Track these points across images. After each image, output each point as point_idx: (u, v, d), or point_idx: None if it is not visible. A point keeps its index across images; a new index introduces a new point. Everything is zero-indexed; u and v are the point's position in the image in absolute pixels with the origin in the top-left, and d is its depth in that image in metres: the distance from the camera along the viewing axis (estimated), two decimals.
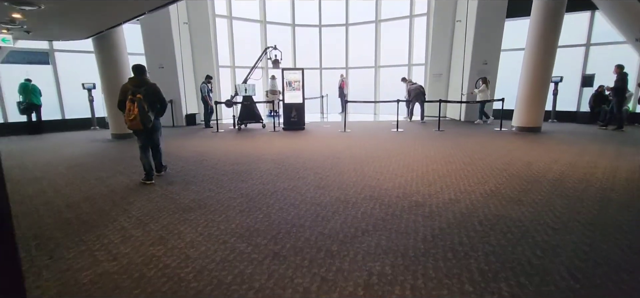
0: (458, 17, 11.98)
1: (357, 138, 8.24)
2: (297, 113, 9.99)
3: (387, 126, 10.54)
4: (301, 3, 14.96)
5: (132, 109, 4.35)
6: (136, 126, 4.41)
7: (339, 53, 15.43)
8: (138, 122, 4.37)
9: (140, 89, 4.44)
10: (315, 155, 6.29)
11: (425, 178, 4.68)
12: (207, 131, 9.96)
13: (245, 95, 10.11)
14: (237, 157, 6.27)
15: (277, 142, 7.89)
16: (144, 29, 10.68)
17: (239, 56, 13.75)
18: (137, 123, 4.38)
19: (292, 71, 9.93)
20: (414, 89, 11.58)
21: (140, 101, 4.37)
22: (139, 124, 4.39)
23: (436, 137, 8.25)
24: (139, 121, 4.37)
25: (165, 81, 10.78)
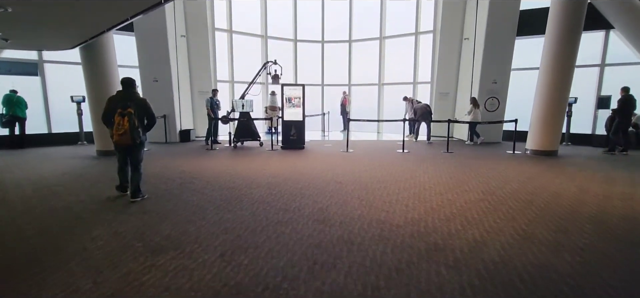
0: (466, 35, 11.55)
1: (361, 160, 7.63)
2: (296, 131, 9.42)
3: (391, 147, 9.95)
4: (304, 18, 14.63)
5: (122, 123, 4.11)
6: (125, 141, 4.17)
7: (341, 70, 14.99)
8: (128, 137, 4.15)
9: (129, 103, 4.23)
10: (314, 179, 5.67)
11: (441, 211, 4.04)
12: (200, 148, 9.37)
13: (242, 111, 9.57)
14: (228, 180, 5.65)
15: (274, 163, 7.28)
16: (139, 41, 10.24)
17: (238, 71, 13.30)
18: (127, 137, 4.15)
19: (292, 86, 9.41)
20: (420, 108, 11.05)
21: (131, 115, 4.16)
22: (129, 139, 4.16)
23: (445, 160, 7.64)
24: (129, 136, 4.15)
25: (159, 95, 10.29)
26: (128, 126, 4.12)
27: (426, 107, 11.07)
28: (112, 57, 7.93)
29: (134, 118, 4.18)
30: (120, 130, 4.12)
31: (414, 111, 11.34)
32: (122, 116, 4.14)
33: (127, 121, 4.13)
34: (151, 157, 7.99)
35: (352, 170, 6.44)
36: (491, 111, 10.78)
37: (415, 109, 11.29)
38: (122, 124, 4.12)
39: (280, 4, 14.25)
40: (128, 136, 4.15)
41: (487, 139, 10.90)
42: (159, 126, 10.46)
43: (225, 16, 12.89)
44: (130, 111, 4.16)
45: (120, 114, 4.14)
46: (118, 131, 4.13)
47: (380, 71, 14.19)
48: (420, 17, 13.13)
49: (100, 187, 5.23)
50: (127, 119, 4.13)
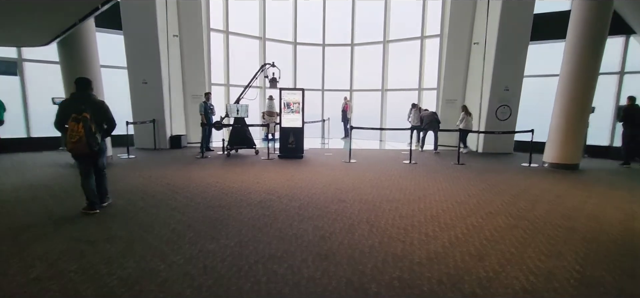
0: (475, 39, 10.93)
1: (365, 172, 6.93)
2: (295, 139, 8.72)
3: (397, 157, 9.25)
4: (304, 21, 14.02)
5: (76, 129, 3.71)
6: (81, 149, 3.79)
7: (343, 74, 14.35)
8: (84, 144, 3.76)
9: (85, 106, 3.84)
10: (315, 196, 4.96)
11: (469, 242, 3.34)
12: (191, 156, 8.66)
13: (237, 117, 8.87)
14: (216, 195, 4.93)
15: (270, 174, 6.57)
16: (127, 40, 9.56)
17: (234, 74, 12.63)
18: (82, 145, 3.76)
19: (291, 91, 8.74)
20: (427, 116, 10.38)
21: (86, 121, 3.75)
22: (85, 147, 3.77)
23: (458, 173, 6.95)
24: (84, 144, 3.75)
25: (148, 97, 9.61)
26: (83, 133, 3.72)
27: (433, 115, 10.41)
28: (94, 56, 7.23)
29: (90, 123, 3.78)
30: (74, 137, 3.72)
31: (421, 118, 10.67)
32: (76, 122, 3.72)
33: (82, 127, 3.71)
34: (135, 166, 7.27)
35: (356, 185, 5.74)
36: (502, 120, 10.13)
37: (421, 117, 10.63)
38: (76, 130, 3.71)
39: (279, 5, 13.64)
40: (84, 144, 3.75)
41: (498, 150, 10.24)
42: (148, 132, 9.76)
43: (222, 16, 12.24)
44: (85, 116, 3.75)
45: (74, 119, 3.73)
46: (72, 138, 3.72)
47: (383, 76, 13.54)
48: (427, 20, 12.53)
49: (70, 202, 4.50)
50: (82, 125, 3.72)
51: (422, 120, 10.55)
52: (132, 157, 8.38)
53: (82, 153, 3.85)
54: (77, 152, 3.84)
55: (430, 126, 10.22)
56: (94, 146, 3.85)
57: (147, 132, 9.82)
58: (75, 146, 3.76)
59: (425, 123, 10.33)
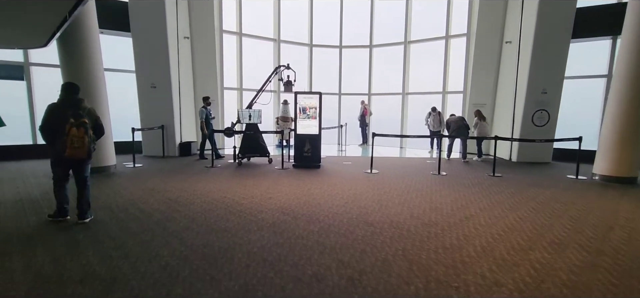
0: (507, 38, 10.02)
1: (390, 185, 6.17)
2: (311, 147, 8.03)
3: (422, 167, 8.43)
4: (320, 22, 13.38)
5: (78, 135, 3.67)
6: (80, 154, 3.75)
7: (361, 77, 13.62)
8: (84, 150, 3.74)
9: (80, 112, 3.81)
10: (337, 216, 4.24)
11: (543, 288, 2.54)
12: (199, 165, 8.08)
13: (249, 123, 8.26)
14: (222, 215, 4.28)
15: (284, 187, 5.89)
16: (136, 42, 9.12)
17: (247, 78, 12.09)
18: (83, 151, 3.74)
19: (307, 95, 8.07)
20: (454, 122, 9.52)
21: (87, 127, 3.75)
22: (84, 152, 3.76)
23: (497, 187, 6.09)
24: (85, 149, 3.75)
25: (157, 102, 9.13)
26: (86, 139, 3.72)
27: (461, 120, 9.54)
28: (96, 58, 6.74)
29: (89, 129, 3.80)
30: (76, 143, 3.66)
31: (447, 124, 9.82)
32: (77, 127, 3.66)
33: (84, 133, 3.70)
34: (139, 176, 6.73)
35: (383, 202, 4.98)
36: (540, 126, 9.17)
37: (448, 122, 9.78)
38: (78, 136, 3.66)
39: (294, 6, 13.06)
40: (84, 149, 3.74)
41: (534, 159, 9.27)
42: (157, 139, 9.27)
43: (235, 17, 11.74)
44: (85, 122, 3.73)
45: (75, 125, 3.66)
46: (74, 143, 3.66)
47: (404, 79, 12.73)
48: (452, 18, 11.68)
49: (48, 223, 3.93)
50: (84, 130, 3.70)
51: (449, 126, 9.70)
52: (139, 166, 7.86)
53: (79, 158, 3.79)
54: (77, 156, 3.75)
55: (459, 133, 9.35)
56: (92, 151, 3.88)
57: (155, 139, 9.34)
58: (76, 152, 3.69)
59: (453, 129, 9.46)
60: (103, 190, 5.49)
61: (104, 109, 6.85)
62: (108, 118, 7.04)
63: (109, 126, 7.00)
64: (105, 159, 6.92)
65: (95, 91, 6.66)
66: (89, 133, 3.76)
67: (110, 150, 7.04)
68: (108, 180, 6.26)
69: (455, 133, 9.39)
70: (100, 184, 5.89)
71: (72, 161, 3.84)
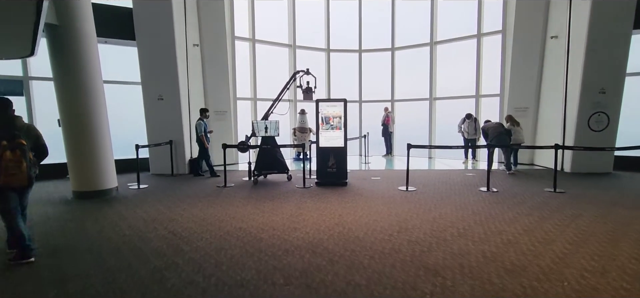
0: (553, 32, 8.89)
1: (438, 207, 5.11)
2: (336, 161, 7.06)
3: (463, 180, 7.33)
4: (338, 25, 12.52)
5: (14, 159, 3.06)
6: (20, 181, 3.14)
7: (383, 83, 12.63)
8: (24, 176, 3.14)
9: (17, 131, 3.19)
10: (385, 259, 3.22)
11: None
12: (210, 185, 7.20)
13: (266, 136, 7.36)
14: (236, 258, 3.32)
15: (310, 212, 4.91)
16: (141, 52, 8.40)
17: (262, 87, 11.27)
18: (21, 177, 3.12)
19: (330, 102, 7.12)
20: (493, 128, 8.38)
21: (24, 148, 3.14)
22: (25, 178, 3.16)
23: (573, 208, 4.96)
24: (25, 175, 3.14)
25: (165, 116, 8.35)
26: (24, 163, 3.10)
27: (501, 126, 8.38)
28: (94, 70, 5.98)
29: (27, 151, 3.17)
30: (12, 169, 3.05)
31: (485, 131, 8.69)
32: (13, 150, 3.06)
33: (21, 156, 3.09)
34: (142, 200, 5.87)
35: (437, 232, 3.94)
36: (597, 131, 7.95)
37: (485, 129, 8.65)
38: (14, 160, 3.06)
39: (310, 9, 12.25)
40: (24, 175, 3.13)
41: (592, 169, 8.03)
42: (165, 155, 8.46)
43: (247, 23, 10.98)
44: (22, 142, 3.13)
45: (9, 147, 3.05)
46: (10, 170, 3.05)
47: (431, 83, 11.67)
48: (483, 15, 10.61)
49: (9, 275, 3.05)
50: (20, 153, 3.08)
51: (486, 133, 8.55)
52: (144, 187, 7.04)
53: (19, 185, 3.17)
54: (14, 185, 3.13)
55: (500, 141, 8.20)
56: (33, 176, 3.28)
57: (164, 155, 8.53)
58: (12, 179, 3.07)
59: (492, 136, 8.31)
60: (98, 221, 4.63)
61: (103, 125, 6.07)
62: (108, 134, 6.24)
63: (108, 144, 6.20)
64: (104, 181, 6.10)
65: (93, 105, 5.88)
66: (27, 156, 3.15)
67: (109, 171, 6.22)
68: (106, 207, 5.42)
69: (495, 141, 8.24)
70: (97, 213, 5.05)
71: (16, 188, 3.21)
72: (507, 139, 8.14)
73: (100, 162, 5.98)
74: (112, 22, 8.43)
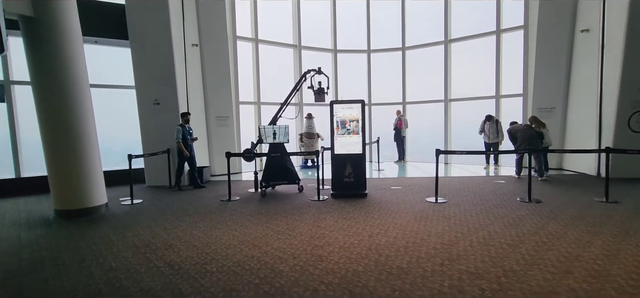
0: (583, 26, 8.19)
1: (480, 224, 4.35)
2: (354, 171, 6.29)
3: (496, 188, 6.56)
4: (345, 24, 11.83)
5: None
6: None
7: (394, 84, 11.91)
8: None
9: None
10: None
11: None
12: (213, 198, 6.41)
13: (274, 142, 6.60)
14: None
15: (334, 233, 4.14)
16: (135, 53, 7.66)
17: (266, 90, 10.53)
18: None
19: (346, 104, 6.37)
20: (522, 131, 7.65)
21: None
22: None
23: (631, 223, 4.20)
24: None
25: (161, 122, 7.58)
26: None
27: (530, 129, 7.65)
28: (78, 72, 5.21)
29: None
30: None
31: (512, 134, 7.96)
32: None
33: None
34: (134, 219, 5.08)
35: (501, 261, 3.16)
36: (639, 132, 7.23)
37: (513, 132, 7.92)
38: None
39: (316, 8, 11.57)
40: None
41: (634, 174, 7.28)
42: (162, 165, 7.68)
43: (250, 22, 10.27)
44: None
45: None
46: None
47: (446, 83, 10.95)
48: (502, 9, 9.92)
49: None
50: None
51: (514, 136, 7.82)
52: (137, 202, 6.24)
53: None
54: None
55: (532, 144, 7.45)
56: None
57: (161, 165, 7.75)
58: None
59: (522, 139, 7.57)
60: (79, 251, 3.84)
61: (89, 134, 5.30)
62: (95, 144, 5.46)
63: (96, 155, 5.42)
64: (91, 198, 5.31)
65: (77, 111, 5.12)
66: None
67: (97, 186, 5.42)
68: (91, 230, 4.62)
69: (526, 145, 7.50)
70: (79, 239, 4.25)
71: None
72: (539, 142, 7.41)
73: (87, 176, 5.20)
74: (103, 19, 7.70)
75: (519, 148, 7.54)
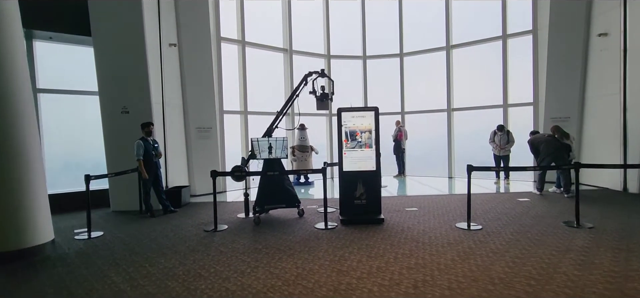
0: (600, 29, 7.63)
1: (548, 264, 3.41)
2: (366, 191, 5.26)
3: (527, 210, 5.70)
4: (338, 28, 10.95)
5: None
6: None
7: (391, 93, 11.08)
8: None
9: None
10: None
11: None
12: (193, 227, 5.20)
13: (269, 158, 5.48)
14: None
15: (359, 281, 3.07)
16: (99, 50, 6.40)
17: (253, 98, 9.42)
18: None
19: (357, 112, 5.38)
20: (546, 142, 6.91)
21: None
22: None
23: None
24: None
25: (131, 133, 6.27)
26: None
27: (555, 140, 6.88)
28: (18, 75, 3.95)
29: None
30: None
31: (533, 145, 7.22)
32: None
33: None
34: (89, 263, 3.82)
35: None
36: None
37: (535, 143, 7.17)
38: None
39: (308, 11, 10.65)
40: None
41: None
42: (131, 186, 6.37)
43: (236, 22, 9.20)
44: None
45: None
46: None
47: (449, 91, 10.22)
48: (508, 13, 9.33)
49: None
50: None
51: (536, 148, 7.08)
52: (97, 235, 4.94)
53: None
54: None
55: (556, 155, 6.70)
56: None
57: (130, 185, 6.43)
58: None
59: (546, 151, 6.80)
60: None
61: (30, 150, 4.02)
62: (38, 163, 4.18)
63: (38, 178, 4.13)
64: (30, 235, 3.98)
65: (12, 122, 3.84)
66: None
67: (40, 219, 4.10)
68: (24, 285, 3.34)
69: (551, 158, 6.74)
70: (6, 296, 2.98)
71: None
72: (567, 156, 6.67)
73: (23, 205, 3.91)
74: (59, 11, 6.42)
75: (543, 162, 6.78)
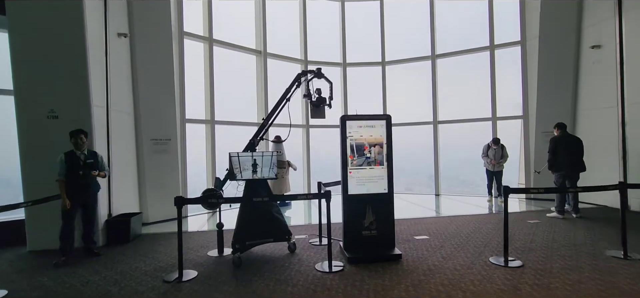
0: (592, 41, 7.43)
1: None
2: (377, 220, 4.21)
3: (561, 237, 5.01)
4: (317, 33, 10.01)
5: None
6: None
7: (372, 103, 10.30)
8: None
9: None
10: None
11: None
12: (147, 275, 3.79)
13: (254, 179, 4.24)
14: None
15: None
16: (16, 35, 4.77)
17: (222, 105, 8.07)
18: None
19: (365, 120, 4.34)
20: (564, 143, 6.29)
21: None
22: None
23: None
24: None
25: (62, 144, 4.66)
26: None
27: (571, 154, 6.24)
28: None
29: None
30: None
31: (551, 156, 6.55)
32: None
33: None
34: None
35: None
36: None
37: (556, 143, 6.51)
38: None
39: (282, 12, 9.59)
40: None
41: None
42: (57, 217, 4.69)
43: (202, 16, 7.87)
44: None
45: None
46: None
47: (434, 103, 9.63)
48: (495, 23, 9.00)
49: None
50: None
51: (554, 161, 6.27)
52: (4, 294, 3.35)
53: None
54: None
55: (573, 171, 6.10)
56: None
57: (54, 216, 4.72)
58: None
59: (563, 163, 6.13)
60: None
61: None
62: None
63: None
64: None
65: None
66: None
67: None
68: None
69: (568, 172, 6.13)
70: None
71: None
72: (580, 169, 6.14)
73: None
74: None
75: (560, 173, 6.15)
